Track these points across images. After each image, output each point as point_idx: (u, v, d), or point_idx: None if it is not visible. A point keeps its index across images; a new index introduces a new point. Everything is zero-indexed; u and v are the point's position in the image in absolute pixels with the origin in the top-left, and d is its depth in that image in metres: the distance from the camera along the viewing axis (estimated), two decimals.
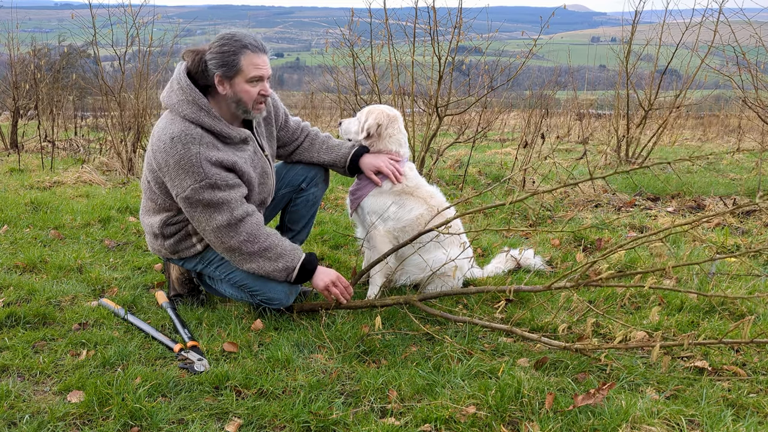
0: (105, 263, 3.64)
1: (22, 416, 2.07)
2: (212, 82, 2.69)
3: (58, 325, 2.78)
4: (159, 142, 2.67)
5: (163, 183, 2.74)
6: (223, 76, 2.67)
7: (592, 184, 5.72)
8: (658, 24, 7.18)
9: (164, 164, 2.66)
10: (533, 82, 10.42)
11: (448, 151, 7.69)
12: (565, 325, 2.56)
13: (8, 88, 8.77)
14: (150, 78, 6.92)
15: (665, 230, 2.45)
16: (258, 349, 2.59)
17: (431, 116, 5.83)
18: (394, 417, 2.10)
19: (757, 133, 9.32)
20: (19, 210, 4.64)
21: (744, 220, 4.78)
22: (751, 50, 6.10)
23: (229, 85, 2.69)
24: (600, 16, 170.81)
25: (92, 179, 6.05)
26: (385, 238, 3.10)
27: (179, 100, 2.67)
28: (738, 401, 2.21)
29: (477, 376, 2.37)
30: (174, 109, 2.69)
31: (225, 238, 2.70)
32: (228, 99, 2.73)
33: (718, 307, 3.00)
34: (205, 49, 2.69)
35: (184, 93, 2.67)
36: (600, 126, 10.53)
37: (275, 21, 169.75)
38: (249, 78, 2.68)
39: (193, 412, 2.13)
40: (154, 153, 2.70)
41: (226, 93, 2.71)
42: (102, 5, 6.63)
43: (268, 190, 2.98)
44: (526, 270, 3.57)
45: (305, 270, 2.79)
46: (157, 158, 2.69)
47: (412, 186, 3.16)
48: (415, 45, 6.02)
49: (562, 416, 2.07)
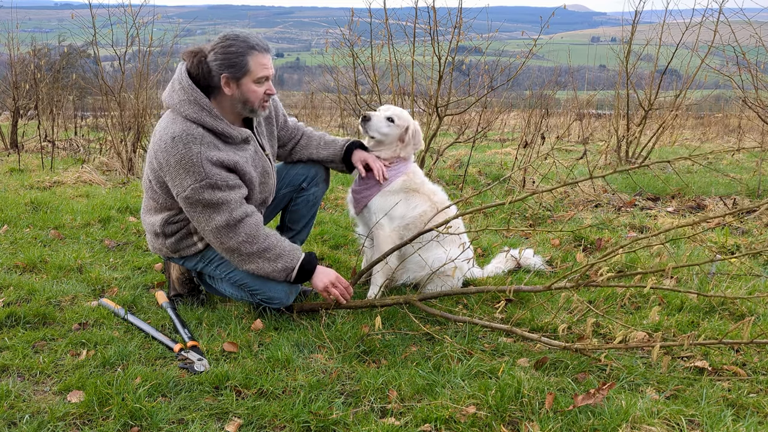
0: (105, 263, 3.65)
1: (22, 416, 2.07)
2: (216, 83, 2.69)
3: (58, 325, 2.78)
4: (160, 142, 2.67)
5: (164, 182, 2.74)
6: (231, 78, 2.66)
7: (592, 183, 5.72)
8: (658, 24, 7.19)
9: (165, 163, 2.66)
10: (533, 82, 10.42)
11: (448, 151, 7.69)
12: (565, 325, 2.56)
13: (8, 88, 8.77)
14: (150, 78, 6.92)
15: (666, 231, 2.45)
16: (258, 349, 2.59)
17: (431, 116, 5.83)
18: (394, 417, 2.10)
19: (757, 133, 9.32)
20: (19, 210, 4.64)
21: (744, 220, 4.78)
22: (751, 50, 6.10)
23: (237, 85, 2.69)
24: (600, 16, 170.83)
25: (92, 179, 6.05)
26: (389, 238, 3.10)
27: (181, 100, 2.67)
28: (738, 401, 2.21)
29: (477, 376, 2.37)
30: (175, 108, 2.69)
31: (224, 239, 2.71)
32: (234, 99, 2.72)
33: (718, 307, 3.00)
34: (206, 50, 2.68)
35: (186, 93, 2.67)
36: (600, 126, 10.54)
37: (275, 21, 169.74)
38: (257, 78, 2.68)
39: (193, 412, 2.13)
40: (155, 152, 2.70)
41: (232, 94, 2.70)
42: (102, 5, 6.64)
43: (269, 190, 2.98)
44: (526, 270, 3.57)
45: (304, 270, 2.79)
46: (158, 157, 2.69)
47: (419, 182, 3.19)
48: (415, 45, 6.02)
49: (562, 416, 2.07)
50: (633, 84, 7.42)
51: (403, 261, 3.16)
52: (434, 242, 3.06)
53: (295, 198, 3.25)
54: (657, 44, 7.22)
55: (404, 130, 3.18)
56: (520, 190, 5.68)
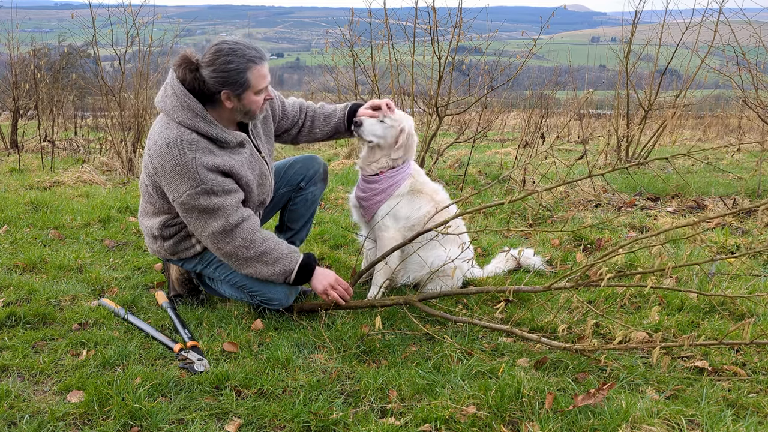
0: (105, 263, 3.64)
1: (22, 416, 2.07)
2: (214, 95, 2.65)
3: (58, 325, 2.78)
4: (155, 147, 2.65)
5: (160, 186, 2.73)
6: (232, 94, 2.64)
7: (592, 183, 5.72)
8: (658, 24, 7.19)
9: (160, 169, 2.65)
10: (533, 82, 10.41)
11: (448, 151, 7.69)
12: (564, 325, 2.55)
13: (8, 88, 8.77)
14: (150, 78, 6.92)
15: (666, 231, 2.44)
16: (258, 349, 2.59)
17: (431, 116, 5.83)
18: (394, 417, 2.10)
19: (757, 133, 9.33)
20: (19, 210, 4.64)
21: (744, 220, 4.78)
22: (751, 50, 6.10)
23: (237, 99, 2.66)
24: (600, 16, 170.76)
25: (92, 179, 6.05)
26: (393, 239, 3.09)
27: (174, 106, 2.64)
28: (738, 401, 2.21)
29: (477, 376, 2.37)
30: (169, 114, 2.66)
31: (221, 244, 2.70)
32: (235, 111, 2.71)
33: (718, 307, 3.00)
34: (198, 63, 2.60)
35: (179, 99, 2.64)
36: (600, 126, 10.53)
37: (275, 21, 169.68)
38: (258, 90, 2.67)
39: (193, 412, 2.13)
40: (150, 157, 2.69)
41: (233, 106, 2.69)
42: (102, 5, 6.65)
43: (266, 191, 2.98)
44: (526, 270, 3.57)
45: (303, 272, 2.79)
46: (153, 162, 2.68)
47: (421, 182, 3.18)
48: (415, 45, 6.02)
49: (562, 416, 2.07)
50: (633, 84, 7.42)
51: (404, 261, 3.16)
52: (435, 242, 3.06)
53: (294, 197, 3.25)
54: (657, 44, 7.22)
55: (399, 131, 3.10)
56: (519, 190, 5.68)
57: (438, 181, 6.14)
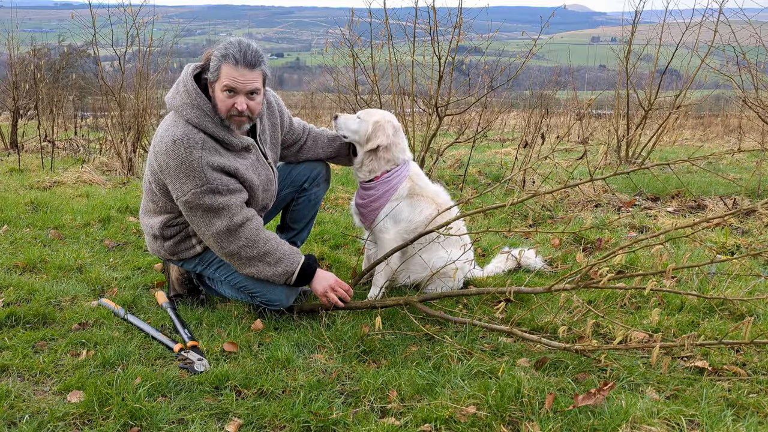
0: (105, 263, 3.64)
1: (22, 416, 2.07)
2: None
3: (58, 325, 2.78)
4: (161, 144, 2.66)
5: (164, 185, 2.73)
6: (210, 80, 2.69)
7: (592, 184, 5.72)
8: (658, 24, 7.19)
9: (165, 166, 2.66)
10: (533, 82, 10.41)
11: (448, 151, 7.69)
12: (564, 326, 2.55)
13: (8, 88, 8.77)
14: (150, 78, 6.92)
15: (666, 231, 2.44)
16: (258, 349, 2.58)
17: (431, 116, 5.83)
18: (394, 417, 2.10)
19: (757, 133, 9.32)
20: (19, 210, 4.64)
21: (744, 220, 4.78)
22: (751, 50, 6.10)
23: (213, 90, 2.70)
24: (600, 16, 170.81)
25: (92, 179, 6.05)
26: (393, 242, 3.09)
27: (183, 103, 2.66)
28: (738, 401, 2.21)
29: (477, 376, 2.37)
30: (178, 111, 2.68)
31: (224, 243, 2.71)
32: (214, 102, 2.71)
33: (718, 307, 3.00)
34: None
35: (190, 96, 2.66)
36: (600, 126, 10.54)
37: (275, 21, 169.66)
38: (222, 87, 2.64)
39: (193, 412, 2.13)
40: (156, 154, 2.70)
41: (214, 97, 2.70)
42: (102, 5, 6.65)
43: (270, 196, 2.99)
44: (526, 270, 3.57)
45: (304, 274, 2.79)
46: (158, 160, 2.69)
47: (422, 185, 3.17)
48: (415, 45, 6.02)
49: (562, 416, 2.07)
50: (633, 84, 7.42)
51: (405, 262, 3.15)
52: (436, 243, 3.06)
53: (297, 198, 3.26)
54: (657, 44, 7.22)
55: (370, 125, 3.06)
56: (520, 191, 5.68)
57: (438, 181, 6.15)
